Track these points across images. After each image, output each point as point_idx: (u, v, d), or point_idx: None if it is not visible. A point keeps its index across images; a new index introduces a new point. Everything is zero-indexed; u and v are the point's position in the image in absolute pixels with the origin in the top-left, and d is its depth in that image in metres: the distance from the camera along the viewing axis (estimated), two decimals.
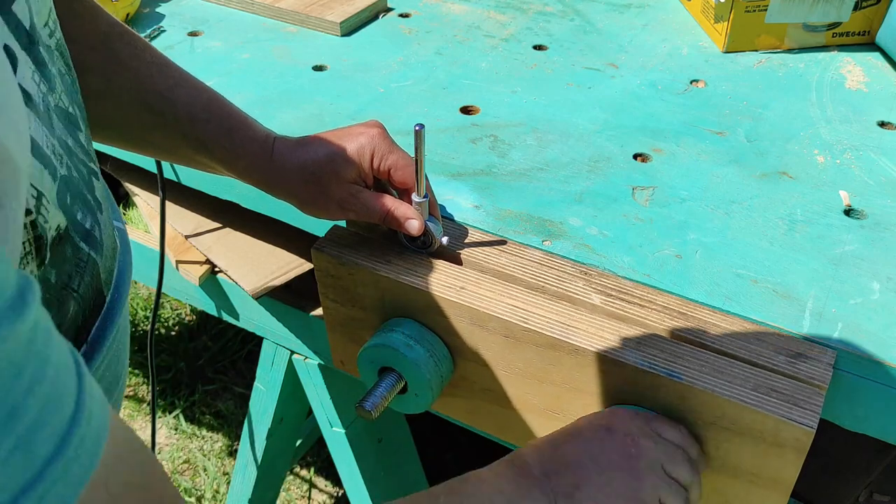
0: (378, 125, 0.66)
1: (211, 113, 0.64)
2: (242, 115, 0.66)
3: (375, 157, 0.64)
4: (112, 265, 0.52)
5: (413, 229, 0.64)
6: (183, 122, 0.64)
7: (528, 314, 0.62)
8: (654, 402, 0.59)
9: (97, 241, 0.49)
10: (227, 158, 0.65)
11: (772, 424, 0.54)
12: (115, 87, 0.62)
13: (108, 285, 0.51)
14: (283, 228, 0.87)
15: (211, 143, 0.64)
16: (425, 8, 1.10)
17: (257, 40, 1.02)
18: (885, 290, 0.64)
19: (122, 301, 0.53)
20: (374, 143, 0.64)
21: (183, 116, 0.64)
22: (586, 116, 0.87)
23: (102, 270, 0.50)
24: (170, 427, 1.74)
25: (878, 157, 0.79)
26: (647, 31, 1.04)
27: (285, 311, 0.97)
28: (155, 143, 0.66)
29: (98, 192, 0.51)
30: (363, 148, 0.64)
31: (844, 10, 0.95)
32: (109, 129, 0.65)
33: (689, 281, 0.65)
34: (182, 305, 2.00)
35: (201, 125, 0.64)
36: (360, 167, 0.64)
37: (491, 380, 0.67)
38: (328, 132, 0.66)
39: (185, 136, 0.64)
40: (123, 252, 0.56)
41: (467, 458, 1.62)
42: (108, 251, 0.51)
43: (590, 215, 0.72)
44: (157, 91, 0.63)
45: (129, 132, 0.66)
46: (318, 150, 0.64)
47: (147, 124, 0.64)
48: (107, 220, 0.52)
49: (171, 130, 0.64)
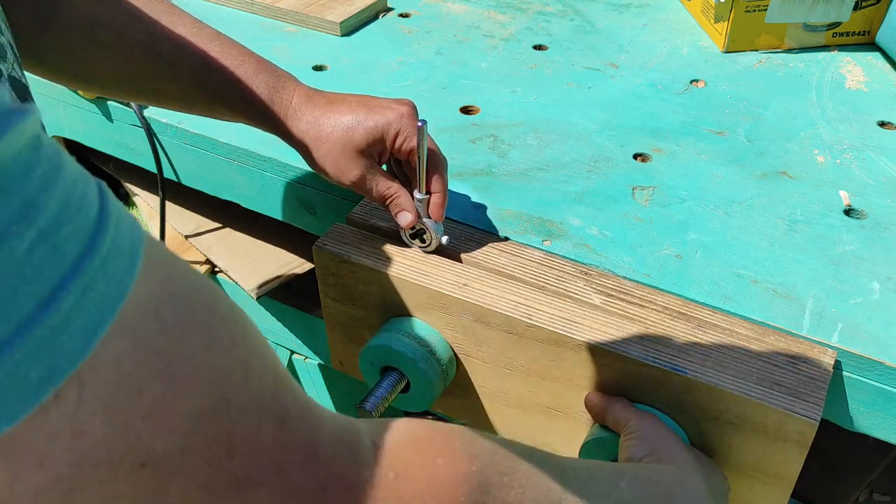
0: (409, 104, 0.65)
1: (226, 60, 0.62)
2: (261, 61, 0.64)
3: (400, 136, 0.63)
4: None
5: (403, 221, 0.65)
6: (197, 71, 0.62)
7: (531, 310, 0.62)
8: (657, 398, 0.59)
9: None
10: (242, 107, 0.63)
11: (775, 418, 0.54)
12: (127, 39, 0.61)
13: None
14: (283, 228, 0.87)
15: (227, 92, 0.63)
16: (425, 8, 1.10)
17: (257, 40, 1.02)
18: (885, 290, 0.64)
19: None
20: (402, 123, 0.63)
21: (197, 66, 0.62)
22: (586, 116, 0.87)
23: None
24: None
25: (878, 157, 0.79)
26: (647, 31, 1.04)
27: (285, 311, 0.97)
28: (170, 94, 0.64)
29: None
30: (390, 124, 0.63)
31: (844, 10, 0.95)
32: (123, 83, 0.64)
33: (689, 281, 0.65)
34: None
35: (217, 73, 0.62)
36: (382, 142, 0.63)
37: (492, 377, 0.67)
38: (358, 97, 0.65)
39: (200, 86, 0.63)
40: None
41: None
42: None
43: (590, 215, 0.72)
44: (169, 41, 0.61)
45: (143, 85, 0.64)
46: (343, 113, 0.63)
47: (161, 76, 0.62)
48: None
49: (186, 81, 0.63)
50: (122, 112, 0.89)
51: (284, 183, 0.80)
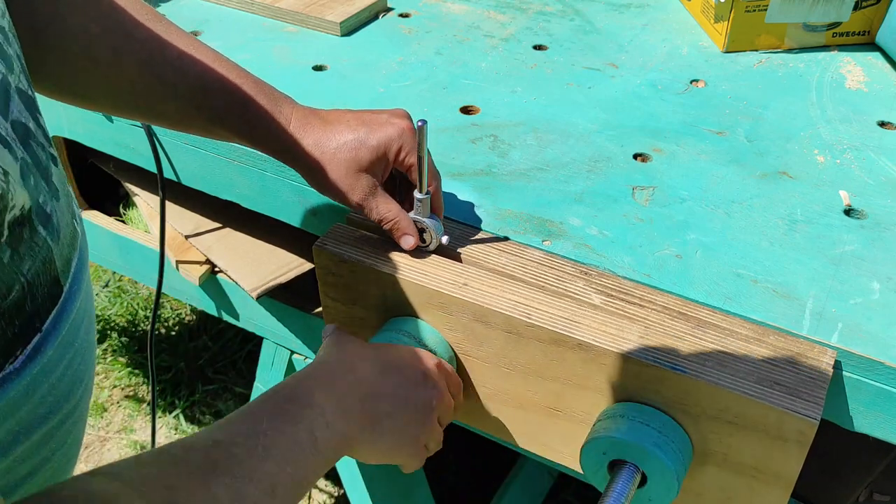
0: (407, 117, 0.65)
1: (225, 82, 0.62)
2: (259, 83, 0.64)
3: (402, 151, 0.63)
4: (70, 254, 0.51)
5: (405, 245, 0.66)
6: (196, 92, 0.62)
7: (531, 310, 0.62)
8: (657, 396, 0.59)
9: (55, 227, 0.47)
10: (242, 130, 0.63)
11: (775, 417, 0.54)
12: (124, 57, 0.60)
13: (65, 275, 0.50)
14: (283, 228, 0.87)
15: (225, 114, 0.62)
16: (425, 8, 1.10)
17: (257, 40, 1.02)
18: (885, 290, 0.64)
19: (79, 292, 0.51)
20: (404, 138, 0.63)
21: (196, 87, 0.62)
22: (586, 116, 0.87)
23: (58, 258, 0.48)
24: (170, 427, 1.74)
25: (878, 157, 0.79)
26: (647, 31, 1.04)
27: (285, 311, 0.97)
28: (167, 114, 0.64)
29: (55, 177, 0.49)
30: (392, 140, 0.62)
31: (844, 10, 0.95)
32: (120, 100, 0.63)
33: (689, 281, 0.65)
34: (182, 305, 2.00)
35: (215, 96, 0.62)
36: (385, 159, 0.63)
37: (492, 377, 0.67)
38: (353, 113, 0.65)
39: (198, 106, 0.62)
40: (84, 243, 0.54)
41: (467, 458, 1.62)
42: (66, 239, 0.50)
43: (590, 215, 0.72)
44: (167, 61, 0.61)
45: (140, 104, 0.63)
46: (344, 133, 0.63)
47: (159, 95, 0.62)
48: (64, 208, 0.50)
49: (184, 101, 0.62)
50: None
51: (284, 183, 0.80)
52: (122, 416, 1.77)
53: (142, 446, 1.70)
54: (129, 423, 1.75)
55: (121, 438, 1.72)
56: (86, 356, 0.54)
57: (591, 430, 0.60)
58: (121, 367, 1.86)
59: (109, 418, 1.77)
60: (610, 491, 0.57)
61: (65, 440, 0.54)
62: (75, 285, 0.51)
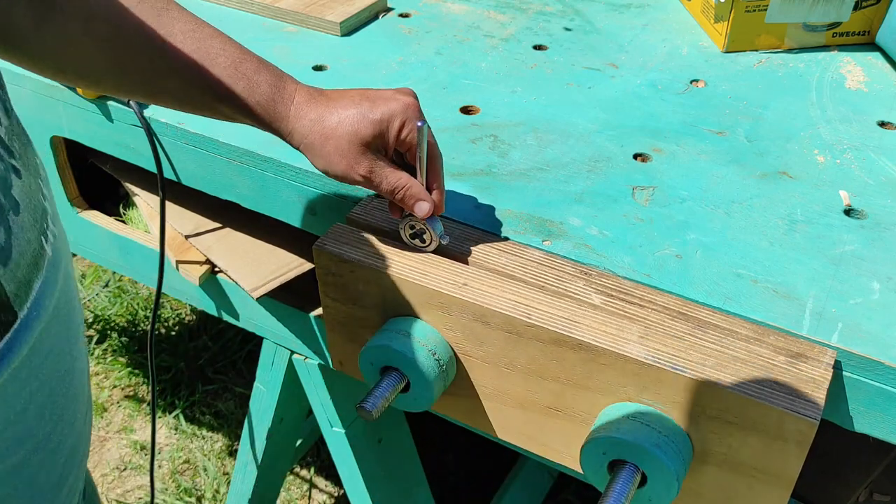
0: (412, 94, 0.64)
1: (228, 59, 0.61)
2: (262, 61, 0.64)
3: (405, 127, 0.62)
4: (31, 276, 0.46)
5: (421, 211, 0.63)
6: (197, 69, 0.61)
7: (530, 310, 0.62)
8: (657, 396, 0.59)
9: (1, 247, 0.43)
10: (242, 106, 0.62)
11: (775, 417, 0.54)
12: (125, 33, 0.59)
13: (19, 300, 0.45)
14: (283, 228, 0.87)
15: (225, 89, 0.62)
16: (425, 8, 1.10)
17: (257, 40, 1.02)
18: (885, 290, 0.64)
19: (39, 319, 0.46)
20: (407, 114, 0.61)
21: (198, 63, 0.61)
22: (586, 116, 0.87)
23: (8, 282, 0.44)
24: (170, 427, 1.74)
25: (878, 157, 0.79)
26: (647, 31, 1.04)
27: (285, 311, 0.97)
28: (168, 91, 0.63)
29: (16, 190, 0.45)
30: (394, 115, 0.61)
31: (844, 10, 0.95)
32: (121, 79, 0.63)
33: (689, 281, 0.65)
34: (182, 305, 2.00)
35: (217, 72, 0.61)
36: (386, 134, 0.62)
37: (492, 377, 0.67)
38: (358, 90, 0.64)
39: (199, 84, 0.62)
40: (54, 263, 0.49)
41: (467, 458, 1.62)
42: (25, 259, 0.45)
43: (590, 215, 0.72)
44: (169, 37, 0.60)
45: (141, 81, 0.63)
46: (347, 107, 0.62)
47: (160, 72, 0.61)
48: (27, 224, 0.46)
49: (186, 78, 0.61)
50: (122, 112, 0.89)
51: (284, 183, 0.80)
52: (122, 416, 1.77)
53: (142, 446, 1.70)
54: (129, 422, 1.75)
55: (121, 438, 1.72)
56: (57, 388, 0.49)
57: (591, 431, 0.61)
58: (121, 367, 1.86)
59: (109, 418, 1.77)
60: (610, 491, 0.57)
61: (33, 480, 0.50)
62: (35, 311, 0.46)
